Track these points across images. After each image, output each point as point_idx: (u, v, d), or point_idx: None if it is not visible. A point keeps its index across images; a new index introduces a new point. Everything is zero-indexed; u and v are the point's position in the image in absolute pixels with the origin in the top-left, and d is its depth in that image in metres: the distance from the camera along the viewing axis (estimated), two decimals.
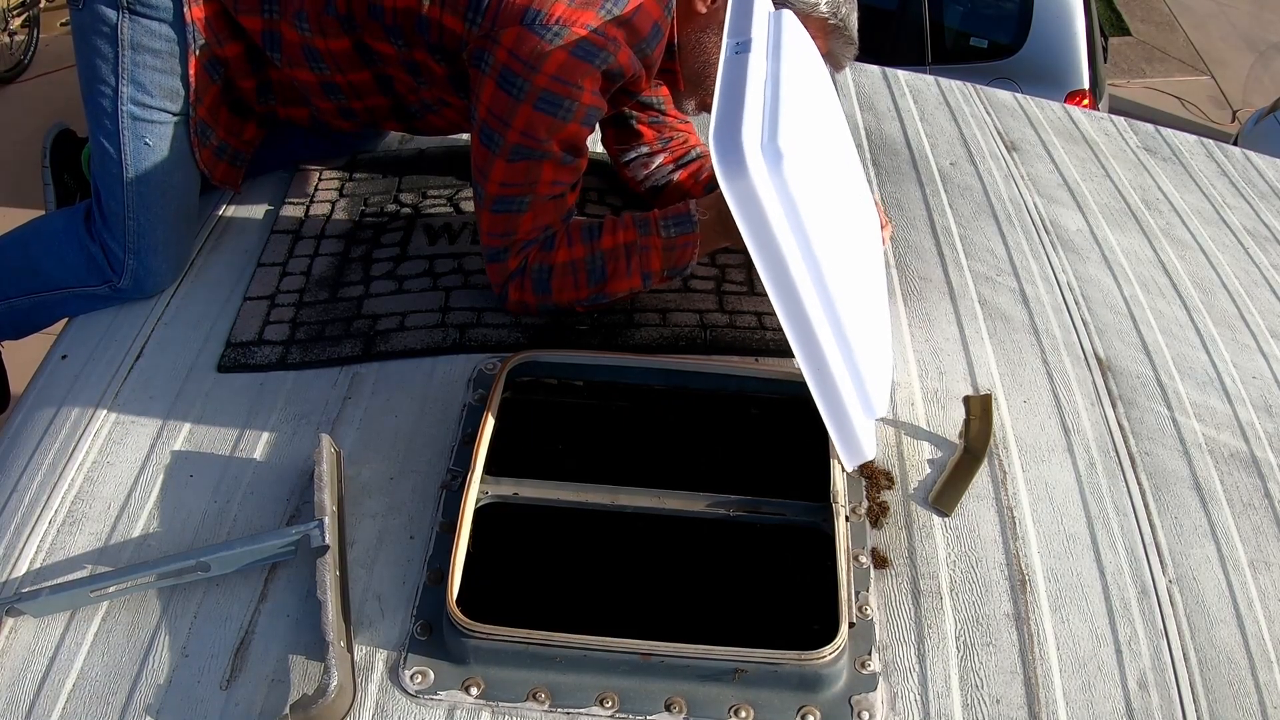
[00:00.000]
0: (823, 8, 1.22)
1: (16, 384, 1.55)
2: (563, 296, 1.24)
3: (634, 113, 1.46)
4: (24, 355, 1.57)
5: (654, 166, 1.48)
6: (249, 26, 1.27)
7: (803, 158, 0.92)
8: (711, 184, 1.45)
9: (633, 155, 1.49)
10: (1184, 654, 1.00)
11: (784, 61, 1.03)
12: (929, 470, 1.16)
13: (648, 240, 1.22)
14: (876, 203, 1.40)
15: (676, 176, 1.48)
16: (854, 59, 1.32)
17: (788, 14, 1.13)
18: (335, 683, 0.88)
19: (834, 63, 1.31)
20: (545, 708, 0.91)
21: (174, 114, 1.29)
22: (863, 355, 1.01)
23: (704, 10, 1.24)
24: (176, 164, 1.32)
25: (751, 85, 0.95)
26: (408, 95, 1.34)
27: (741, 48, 1.01)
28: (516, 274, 1.24)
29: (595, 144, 1.60)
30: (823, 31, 1.24)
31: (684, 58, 1.27)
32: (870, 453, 1.09)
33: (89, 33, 1.24)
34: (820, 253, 0.93)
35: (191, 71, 1.27)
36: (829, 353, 0.97)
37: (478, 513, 1.02)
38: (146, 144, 1.28)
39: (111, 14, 1.23)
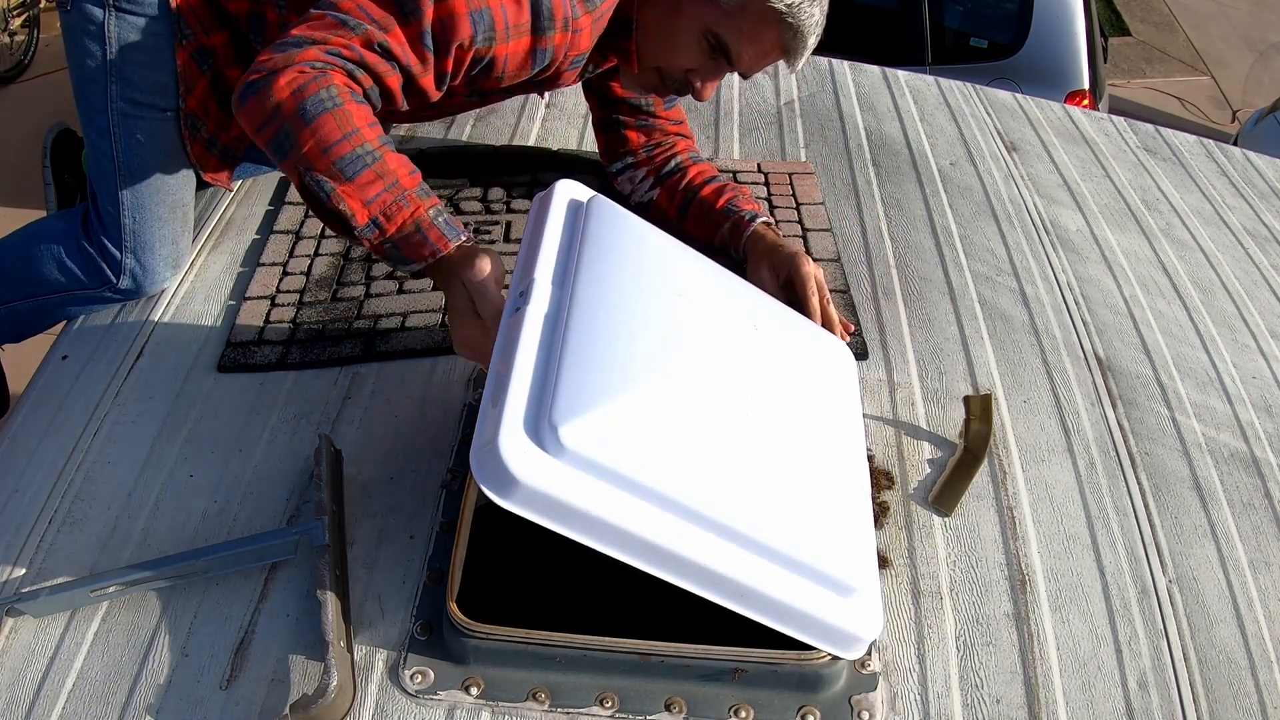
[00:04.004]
0: None
1: (16, 384, 1.55)
2: (306, 138, 1.02)
3: (623, 117, 1.46)
4: (24, 356, 1.57)
5: (637, 181, 1.47)
6: (235, 11, 1.27)
7: (600, 404, 0.79)
8: (686, 202, 1.43)
9: (619, 166, 1.49)
10: (1184, 654, 1.00)
11: (581, 279, 0.88)
12: (929, 470, 1.16)
13: (417, 202, 1.05)
14: (836, 319, 1.25)
15: (655, 195, 1.47)
16: (806, 55, 1.22)
17: (598, 201, 1.00)
18: (335, 683, 0.88)
19: (787, 59, 1.23)
20: (545, 708, 0.91)
21: (165, 109, 1.29)
22: (809, 551, 0.84)
23: None
24: (169, 160, 1.32)
25: (522, 356, 0.82)
26: None
27: (523, 299, 0.88)
28: (314, 66, 1.04)
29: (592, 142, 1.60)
30: (774, 21, 1.17)
31: (641, 38, 1.24)
32: (869, 635, 0.88)
33: (78, 33, 1.25)
34: (682, 491, 0.79)
35: (180, 63, 1.27)
36: (764, 585, 0.82)
37: (478, 513, 1.02)
38: (139, 140, 1.28)
39: (98, 12, 1.23)
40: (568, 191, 1.02)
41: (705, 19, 1.17)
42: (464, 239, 1.06)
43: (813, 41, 1.21)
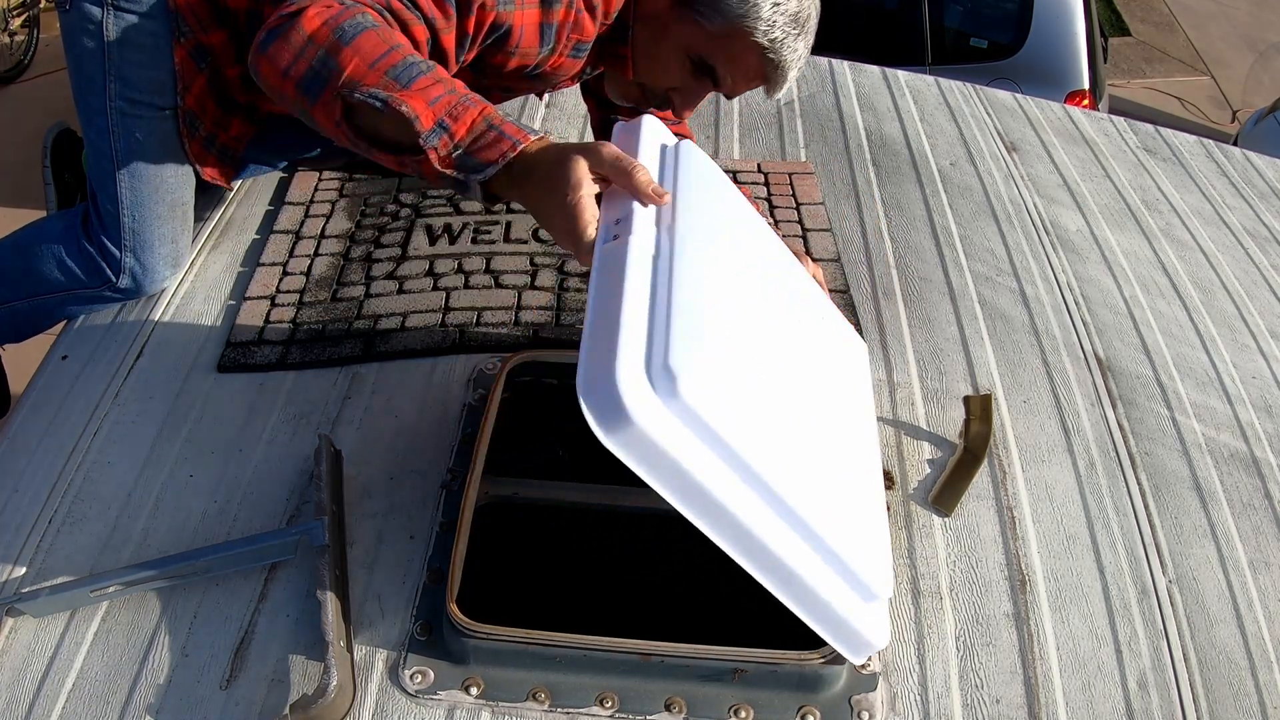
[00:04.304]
0: (755, 22, 1.13)
1: (16, 384, 1.55)
2: (348, 58, 0.95)
3: (622, 118, 1.46)
4: (24, 356, 1.57)
5: None
6: (235, 8, 1.27)
7: (709, 355, 0.75)
8: None
9: None
10: (1184, 654, 1.00)
11: (679, 223, 0.83)
12: (929, 470, 1.16)
13: (481, 103, 0.96)
14: (798, 252, 1.18)
15: None
16: (786, 85, 1.23)
17: (686, 146, 0.94)
18: (335, 683, 0.88)
19: (767, 88, 1.23)
20: (545, 708, 0.91)
21: (163, 108, 1.29)
22: (846, 547, 0.83)
23: (659, 10, 1.19)
24: (168, 159, 1.32)
25: (631, 287, 0.76)
26: None
27: (621, 227, 0.82)
28: (341, 1, 1.00)
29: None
30: (757, 53, 1.17)
31: (636, 49, 1.23)
32: (880, 642, 0.88)
33: (77, 33, 1.25)
34: (762, 467, 0.75)
35: (177, 60, 1.27)
36: (805, 571, 0.80)
37: (478, 513, 1.02)
38: (137, 139, 1.28)
39: (97, 11, 1.23)
40: (655, 129, 0.97)
41: (691, 41, 1.18)
42: (541, 134, 0.95)
43: (793, 75, 1.22)
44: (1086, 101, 3.75)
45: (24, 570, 1.02)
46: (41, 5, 5.10)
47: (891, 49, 3.86)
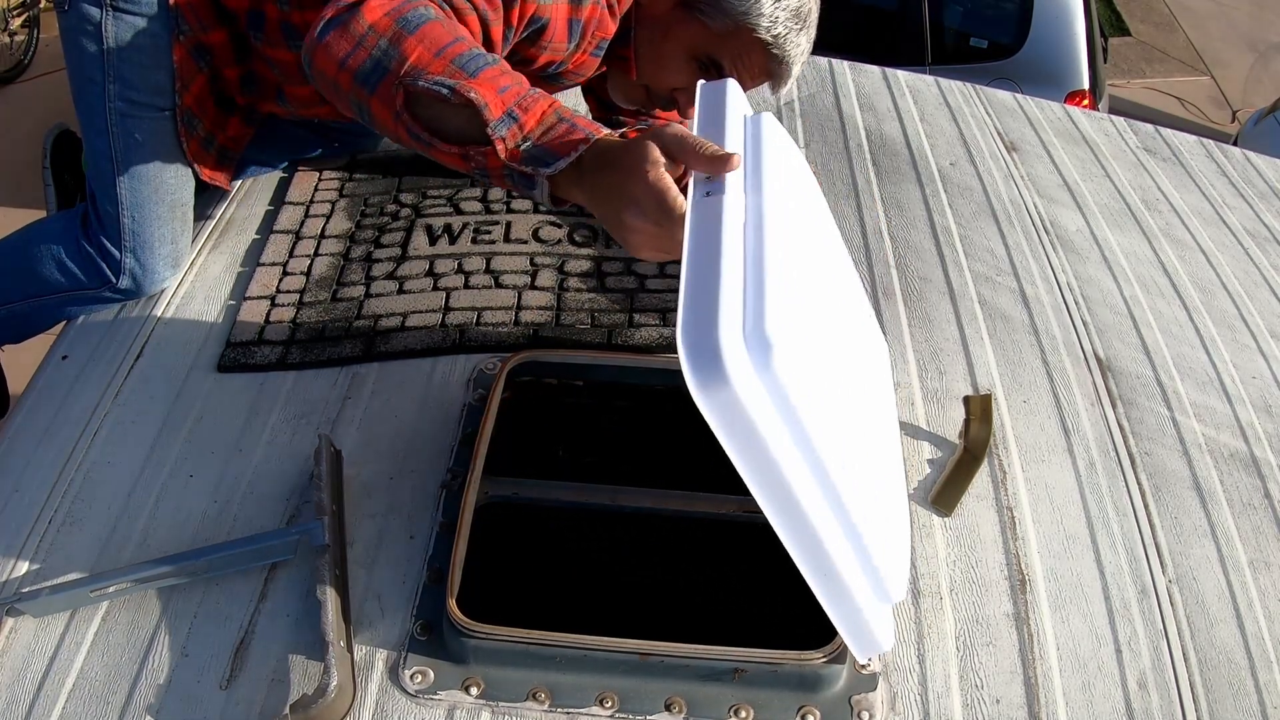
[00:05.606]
0: (758, 19, 1.13)
1: (16, 384, 1.55)
2: (411, 46, 0.93)
3: (623, 117, 1.46)
4: (24, 356, 1.57)
5: None
6: (235, 8, 1.27)
7: (795, 330, 0.73)
8: None
9: None
10: (1184, 654, 1.00)
11: (766, 191, 0.82)
12: (929, 470, 1.16)
13: (549, 97, 0.94)
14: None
15: None
16: (790, 82, 1.24)
17: (766, 118, 0.92)
18: (335, 683, 0.88)
19: (772, 85, 1.23)
20: (545, 708, 0.91)
21: (162, 108, 1.29)
22: (877, 544, 0.83)
23: (661, 12, 1.19)
24: (167, 159, 1.32)
25: (728, 245, 0.75)
26: None
27: (714, 188, 0.81)
28: None
29: None
30: (761, 49, 1.18)
31: (639, 51, 1.23)
32: (887, 644, 0.88)
33: (76, 34, 1.25)
34: (824, 451, 0.75)
35: (177, 59, 1.27)
36: (839, 559, 0.80)
37: (478, 513, 1.02)
38: (136, 139, 1.28)
39: (96, 12, 1.23)
40: (738, 96, 0.95)
41: (695, 41, 1.18)
42: (608, 131, 0.92)
43: (797, 70, 1.22)
44: (1086, 101, 3.75)
45: (24, 570, 1.02)
46: (41, 5, 5.10)
47: (891, 49, 3.86)
